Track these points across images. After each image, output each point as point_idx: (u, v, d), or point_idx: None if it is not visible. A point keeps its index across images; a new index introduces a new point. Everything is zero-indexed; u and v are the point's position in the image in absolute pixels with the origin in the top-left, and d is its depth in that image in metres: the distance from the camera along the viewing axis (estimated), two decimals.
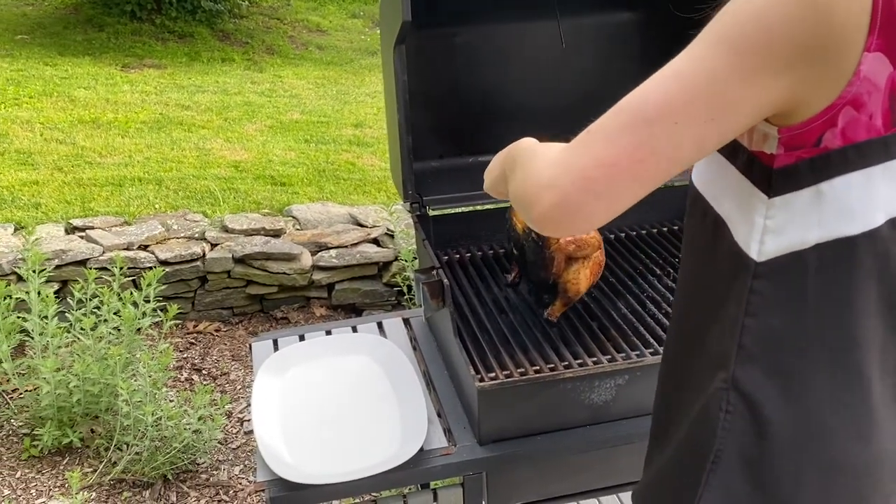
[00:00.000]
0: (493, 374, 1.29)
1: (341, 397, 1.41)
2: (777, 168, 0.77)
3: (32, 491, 2.38)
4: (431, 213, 1.67)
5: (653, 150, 0.72)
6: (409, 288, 3.21)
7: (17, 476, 2.43)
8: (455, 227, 1.76)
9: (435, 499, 1.30)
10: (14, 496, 2.36)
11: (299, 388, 1.27)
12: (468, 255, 1.75)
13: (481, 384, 1.25)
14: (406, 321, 1.68)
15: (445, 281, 1.34)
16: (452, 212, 1.75)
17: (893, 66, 0.72)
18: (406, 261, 3.16)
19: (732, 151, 0.83)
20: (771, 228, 0.79)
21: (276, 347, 1.59)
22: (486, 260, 1.72)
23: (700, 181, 0.91)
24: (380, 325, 1.67)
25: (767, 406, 0.81)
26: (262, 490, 1.24)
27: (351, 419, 1.36)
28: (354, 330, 1.64)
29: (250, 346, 1.60)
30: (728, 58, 0.71)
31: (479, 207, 1.73)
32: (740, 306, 0.82)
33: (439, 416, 1.40)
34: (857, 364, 0.80)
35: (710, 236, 0.87)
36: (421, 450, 1.27)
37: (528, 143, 0.90)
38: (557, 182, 0.74)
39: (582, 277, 1.37)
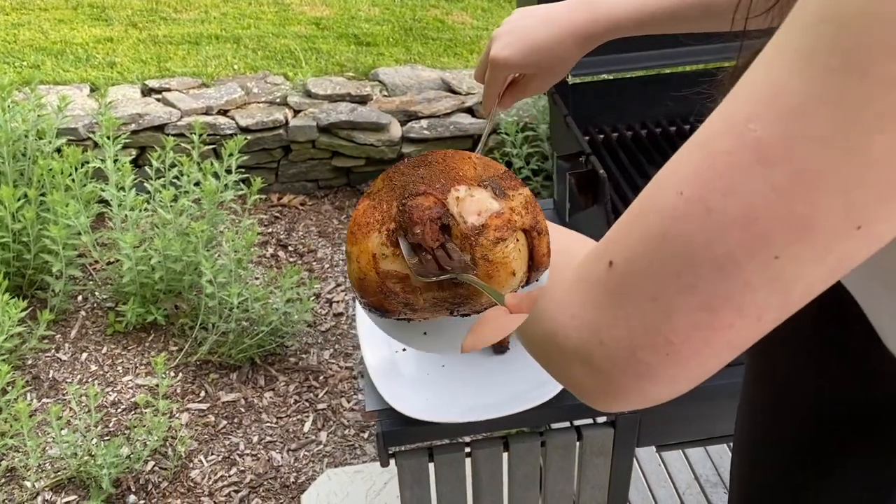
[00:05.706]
0: None
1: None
2: None
3: (119, 368, 2.30)
4: (571, 80, 1.34)
5: (741, 309, 0.37)
6: (508, 165, 2.91)
7: (102, 352, 2.35)
8: (595, 99, 1.44)
9: (579, 438, 1.07)
10: (101, 372, 2.29)
11: None
12: (615, 134, 1.42)
13: None
14: None
15: (601, 171, 1.04)
16: (591, 80, 1.42)
17: None
18: (507, 134, 2.84)
19: None
20: None
21: None
22: (639, 141, 1.40)
23: None
24: None
25: None
26: (373, 421, 1.03)
27: None
28: None
29: None
30: (869, 90, 0.32)
31: (627, 74, 1.40)
32: None
33: None
34: None
35: (837, 360, 0.54)
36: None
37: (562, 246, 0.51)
38: (591, 357, 0.42)
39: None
